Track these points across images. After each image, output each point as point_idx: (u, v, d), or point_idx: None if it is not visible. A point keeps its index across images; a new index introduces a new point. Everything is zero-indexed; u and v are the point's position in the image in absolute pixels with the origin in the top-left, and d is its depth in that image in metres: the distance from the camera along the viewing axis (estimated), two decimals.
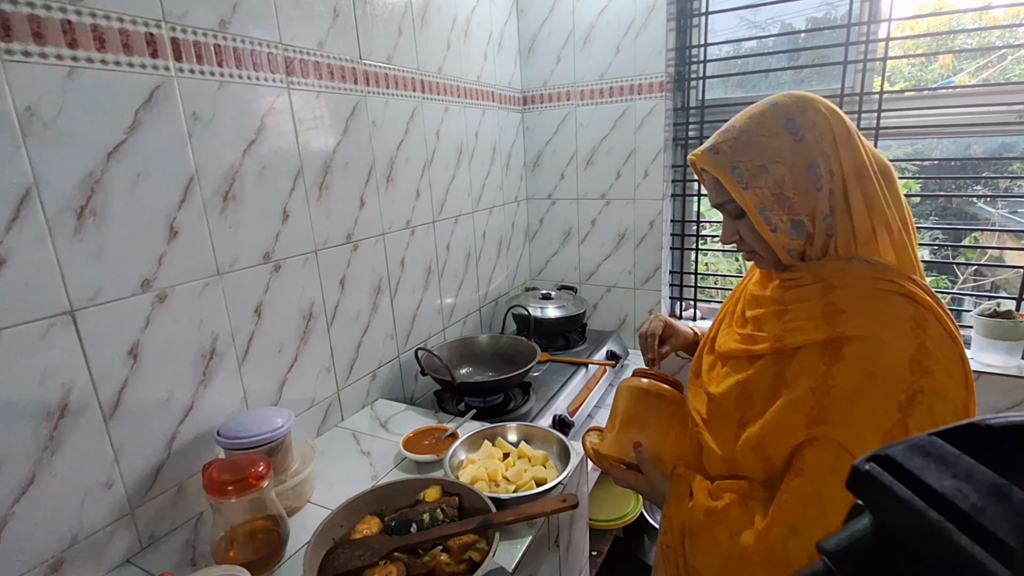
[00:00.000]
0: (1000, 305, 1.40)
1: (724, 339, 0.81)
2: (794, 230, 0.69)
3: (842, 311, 0.65)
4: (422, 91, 1.39)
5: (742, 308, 0.81)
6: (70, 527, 0.74)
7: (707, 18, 1.70)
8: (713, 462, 0.75)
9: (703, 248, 1.86)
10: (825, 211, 0.68)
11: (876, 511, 0.25)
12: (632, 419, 0.80)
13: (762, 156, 0.69)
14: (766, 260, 0.76)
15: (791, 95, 0.71)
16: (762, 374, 0.70)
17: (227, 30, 0.90)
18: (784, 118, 0.69)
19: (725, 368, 0.78)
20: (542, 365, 1.52)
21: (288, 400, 1.07)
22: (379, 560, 0.71)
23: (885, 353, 0.60)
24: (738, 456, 0.70)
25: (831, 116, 0.69)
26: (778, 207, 0.69)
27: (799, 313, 0.69)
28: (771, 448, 0.66)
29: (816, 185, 0.68)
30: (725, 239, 0.79)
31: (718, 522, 0.68)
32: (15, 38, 0.65)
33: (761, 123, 0.70)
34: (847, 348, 0.63)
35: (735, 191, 0.70)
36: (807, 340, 0.66)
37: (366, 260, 1.24)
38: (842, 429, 0.60)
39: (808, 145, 0.67)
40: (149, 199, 0.80)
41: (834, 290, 0.67)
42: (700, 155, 0.74)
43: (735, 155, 0.70)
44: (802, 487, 0.62)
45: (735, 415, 0.72)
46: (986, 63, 1.62)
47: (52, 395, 0.71)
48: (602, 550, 1.58)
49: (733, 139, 0.71)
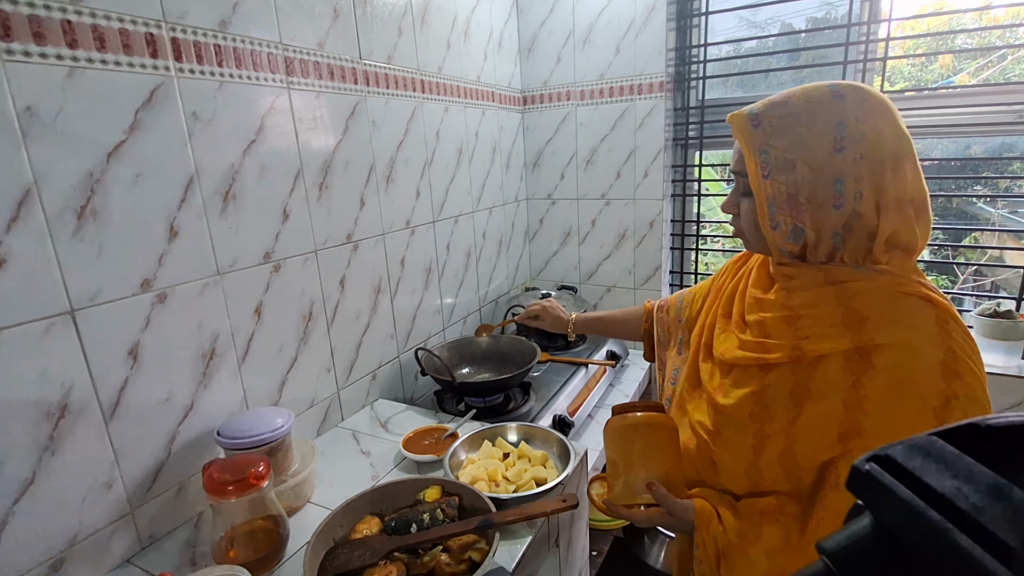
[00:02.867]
0: (1000, 305, 1.40)
1: (725, 346, 0.77)
2: (793, 235, 0.67)
3: (866, 318, 0.62)
4: (422, 91, 1.39)
5: (740, 311, 0.78)
6: (70, 527, 0.74)
7: (707, 18, 1.70)
8: (732, 478, 0.72)
9: (703, 248, 1.86)
10: (836, 229, 0.66)
11: (876, 511, 0.25)
12: (633, 459, 0.75)
13: (796, 150, 0.65)
14: (752, 245, 0.75)
15: (860, 91, 0.65)
16: (779, 384, 0.68)
17: (227, 30, 0.90)
18: (837, 119, 0.64)
19: (730, 377, 0.75)
20: (542, 365, 1.52)
21: (288, 400, 1.07)
22: (379, 560, 0.71)
23: (916, 360, 0.59)
24: (762, 470, 0.68)
25: (888, 133, 0.63)
26: (787, 208, 0.66)
27: (816, 320, 0.66)
28: (802, 461, 0.64)
29: (836, 202, 0.64)
30: (726, 207, 0.76)
31: (752, 542, 0.66)
32: (15, 38, 0.65)
33: (812, 115, 0.65)
34: (877, 357, 0.61)
35: (754, 176, 0.67)
36: (831, 349, 0.63)
37: (366, 260, 1.24)
38: (878, 440, 0.58)
39: (844, 159, 0.63)
40: (149, 199, 0.80)
41: (853, 296, 0.64)
42: (740, 122, 0.69)
43: (772, 136, 0.66)
44: (839, 501, 0.61)
45: (751, 427, 0.69)
46: (986, 63, 1.62)
47: (52, 395, 0.71)
48: (602, 550, 1.58)
49: (778, 118, 0.66)
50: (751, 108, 0.69)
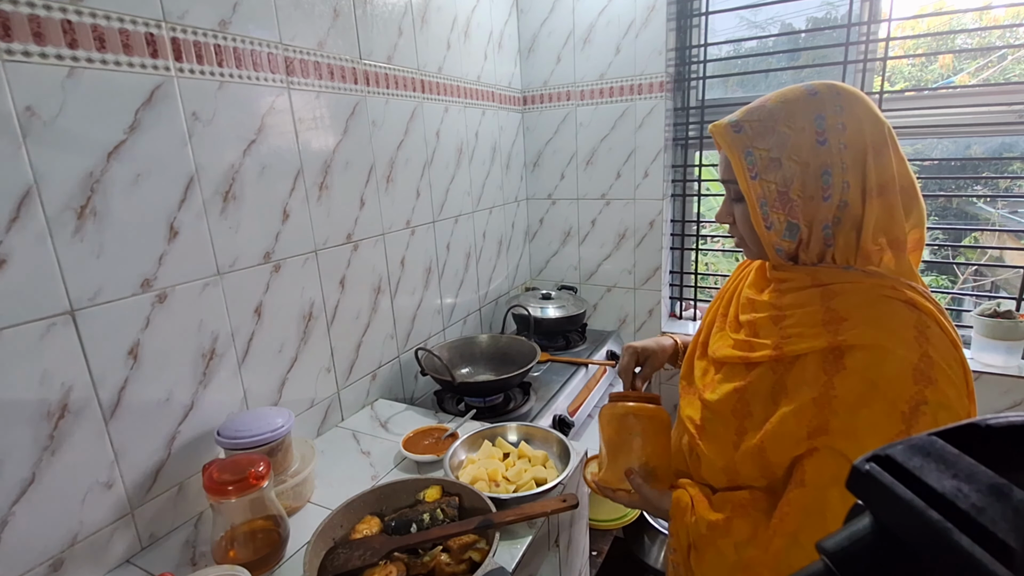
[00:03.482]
0: (1000, 305, 1.40)
1: (718, 344, 0.79)
2: (788, 232, 0.68)
3: (844, 318, 0.63)
4: (422, 91, 1.39)
5: (735, 312, 0.79)
6: (70, 527, 0.74)
7: (707, 18, 1.70)
8: (712, 472, 0.74)
9: (703, 248, 1.86)
10: (826, 221, 0.66)
11: (876, 511, 0.25)
12: (618, 445, 0.79)
13: (780, 149, 0.66)
14: (752, 251, 0.75)
15: (833, 87, 0.67)
16: (760, 381, 0.69)
17: (227, 30, 0.90)
18: (815, 113, 0.65)
19: (720, 374, 0.76)
20: (542, 365, 1.52)
21: (288, 400, 1.07)
22: (379, 560, 0.71)
23: (888, 362, 0.59)
24: (738, 465, 0.69)
25: (867, 121, 0.65)
26: (779, 205, 0.67)
27: (799, 319, 0.67)
28: (772, 457, 0.65)
29: (824, 194, 0.65)
30: (720, 217, 0.77)
31: (721, 535, 0.67)
32: (15, 38, 0.65)
33: (791, 113, 0.66)
34: (849, 357, 0.61)
35: (742, 178, 0.68)
36: (808, 348, 0.64)
37: (366, 260, 1.24)
38: (843, 439, 0.59)
39: (829, 150, 0.64)
40: (149, 199, 0.80)
41: (835, 296, 0.65)
42: (721, 130, 0.70)
43: (754, 139, 0.67)
44: (803, 497, 0.61)
45: (733, 423, 0.71)
46: (986, 63, 1.62)
47: (52, 395, 0.71)
48: (602, 550, 1.58)
49: (758, 121, 0.68)
50: (730, 117, 0.71)
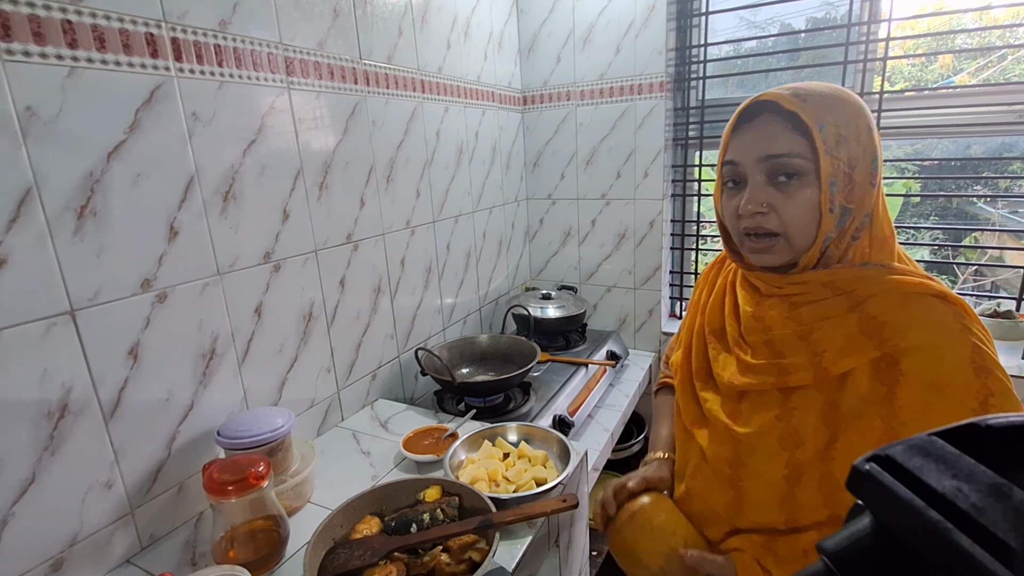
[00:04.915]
0: (1000, 305, 1.40)
1: (731, 371, 0.72)
2: (843, 217, 0.63)
3: (883, 324, 0.60)
4: (422, 91, 1.39)
5: (736, 330, 0.74)
6: (70, 527, 0.74)
7: (707, 18, 1.70)
8: (765, 510, 0.67)
9: (703, 248, 1.86)
10: (869, 209, 0.63)
11: (876, 511, 0.25)
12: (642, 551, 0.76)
13: (846, 126, 0.61)
14: (784, 250, 0.65)
15: None
16: (806, 406, 0.64)
17: (227, 30, 0.90)
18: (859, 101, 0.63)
19: (745, 403, 0.70)
20: (542, 365, 1.52)
21: (288, 400, 1.07)
22: (379, 560, 0.71)
23: (945, 361, 0.56)
24: (799, 499, 0.64)
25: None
26: (844, 187, 0.62)
27: (830, 332, 0.63)
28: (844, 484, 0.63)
29: (872, 180, 0.62)
30: (755, 204, 0.64)
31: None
32: (15, 38, 0.65)
33: (841, 96, 0.62)
34: (904, 363, 0.58)
35: (821, 152, 0.60)
36: (856, 362, 0.60)
37: (366, 260, 1.24)
38: None
39: (873, 137, 0.62)
40: (149, 199, 0.80)
41: (863, 302, 0.62)
42: (785, 96, 0.62)
43: (822, 113, 0.60)
44: None
45: (781, 455, 0.65)
46: (986, 63, 1.62)
47: (52, 395, 0.71)
48: (602, 550, 1.58)
49: (817, 96, 0.61)
50: (781, 88, 0.63)
